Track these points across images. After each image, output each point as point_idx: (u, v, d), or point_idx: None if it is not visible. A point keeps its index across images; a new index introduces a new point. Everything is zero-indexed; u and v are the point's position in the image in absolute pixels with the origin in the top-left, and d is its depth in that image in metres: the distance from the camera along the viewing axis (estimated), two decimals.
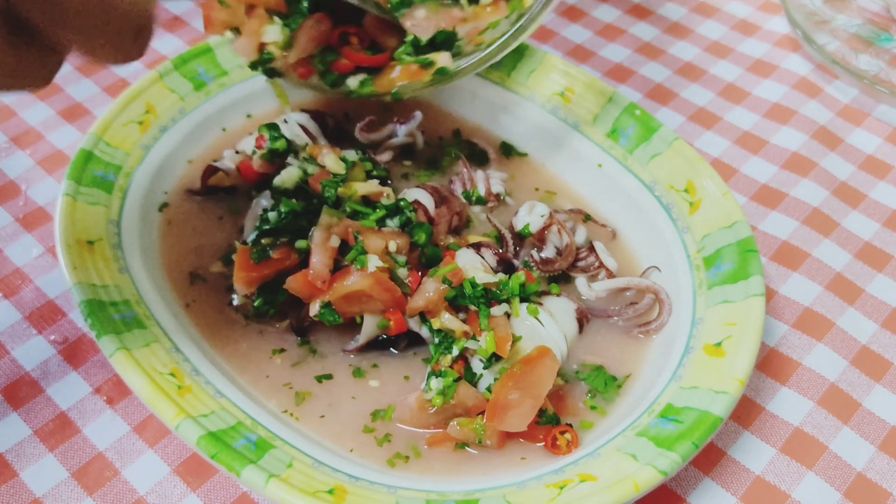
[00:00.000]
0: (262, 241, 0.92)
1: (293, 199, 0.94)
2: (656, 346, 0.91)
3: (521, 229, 0.97)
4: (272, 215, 0.93)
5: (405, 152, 1.11)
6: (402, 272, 0.88)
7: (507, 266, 0.95)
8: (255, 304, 0.91)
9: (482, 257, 0.93)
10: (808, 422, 0.89)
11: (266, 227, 0.92)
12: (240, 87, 1.11)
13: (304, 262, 0.89)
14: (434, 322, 0.86)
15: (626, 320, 0.94)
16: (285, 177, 0.96)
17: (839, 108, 1.23)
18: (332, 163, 0.97)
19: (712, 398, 0.79)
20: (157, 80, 1.07)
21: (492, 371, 0.83)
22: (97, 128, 1.00)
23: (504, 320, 0.86)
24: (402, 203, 0.93)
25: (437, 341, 0.86)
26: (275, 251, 0.91)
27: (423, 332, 0.89)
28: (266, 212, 0.94)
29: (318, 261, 0.87)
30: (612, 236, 1.03)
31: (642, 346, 0.92)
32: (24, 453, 0.86)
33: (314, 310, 0.87)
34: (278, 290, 0.90)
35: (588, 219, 1.03)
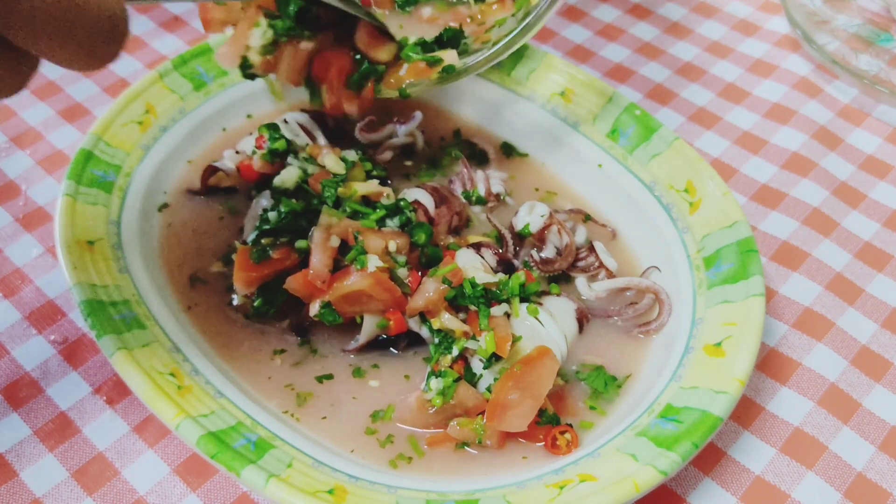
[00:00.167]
0: (262, 241, 0.92)
1: (293, 199, 0.94)
2: (656, 346, 0.91)
3: (521, 229, 0.97)
4: (272, 215, 0.93)
5: (405, 152, 1.11)
6: (402, 272, 0.88)
7: (507, 266, 0.95)
8: (255, 304, 0.91)
9: (482, 257, 0.93)
10: (808, 422, 0.89)
11: (266, 227, 0.92)
12: (240, 87, 1.10)
13: (304, 262, 0.89)
14: (434, 322, 0.86)
15: (626, 320, 0.94)
16: (285, 177, 0.96)
17: (839, 108, 1.23)
18: (332, 163, 0.97)
19: (712, 398, 0.79)
20: (157, 80, 1.07)
21: (492, 371, 0.83)
22: (97, 128, 1.00)
23: (504, 320, 0.86)
24: (402, 203, 0.93)
25: (437, 341, 0.86)
26: (275, 251, 0.91)
27: (423, 332, 0.88)
28: (266, 212, 0.94)
29: (318, 261, 0.87)
30: (612, 236, 1.02)
31: (642, 346, 0.92)
32: (24, 453, 0.86)
33: (314, 310, 0.87)
34: (278, 290, 0.90)
35: (588, 219, 1.03)
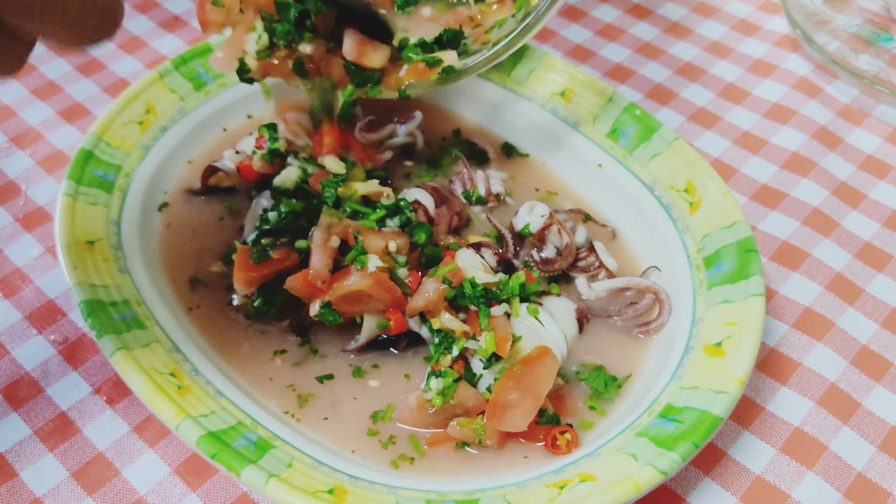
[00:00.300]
0: (262, 241, 0.92)
1: (293, 199, 0.94)
2: (656, 346, 0.91)
3: (521, 229, 0.97)
4: (272, 215, 0.93)
5: (405, 152, 1.11)
6: (402, 272, 0.88)
7: (507, 266, 0.95)
8: (255, 304, 0.91)
9: (482, 257, 0.93)
10: (808, 422, 0.89)
11: (266, 227, 0.92)
12: (240, 87, 1.10)
13: (304, 262, 0.89)
14: (434, 322, 0.86)
15: (626, 320, 0.94)
16: (285, 177, 0.96)
17: (839, 108, 1.23)
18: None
19: (712, 398, 0.79)
20: (157, 80, 1.07)
21: (492, 371, 0.83)
22: (97, 128, 1.00)
23: (504, 320, 0.86)
24: (402, 203, 0.93)
25: (437, 341, 0.86)
26: (275, 251, 0.91)
27: (423, 332, 0.88)
28: (266, 212, 0.94)
29: (318, 261, 0.87)
30: (612, 236, 1.02)
31: (642, 346, 0.92)
32: (24, 453, 0.86)
33: (314, 310, 0.87)
34: (278, 290, 0.89)
35: (588, 219, 1.03)
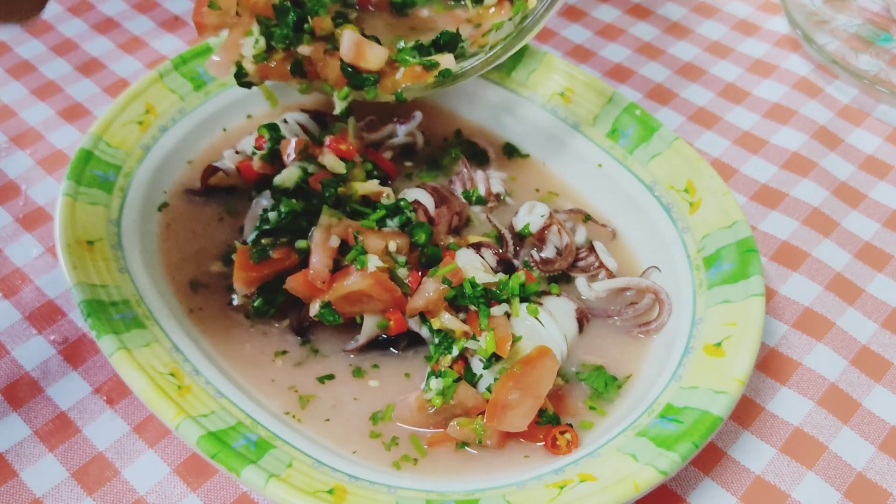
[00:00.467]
0: (262, 241, 0.92)
1: (293, 199, 0.94)
2: (656, 346, 0.91)
3: (521, 229, 0.97)
4: (272, 215, 0.93)
5: (405, 152, 1.11)
6: (402, 272, 0.88)
7: (507, 266, 0.95)
8: (255, 304, 0.91)
9: (482, 257, 0.93)
10: (808, 422, 0.89)
11: (266, 227, 0.92)
12: (240, 87, 1.10)
13: (304, 262, 0.89)
14: (434, 322, 0.86)
15: (626, 320, 0.94)
16: (285, 177, 0.96)
17: (839, 108, 1.23)
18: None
19: (712, 398, 0.79)
20: (157, 80, 1.07)
21: (492, 371, 0.83)
22: (97, 128, 1.00)
23: (504, 320, 0.86)
24: (402, 203, 0.93)
25: (437, 341, 0.86)
26: (275, 251, 0.91)
27: (423, 332, 0.88)
28: (266, 212, 0.94)
29: (318, 261, 0.87)
30: (612, 236, 1.02)
31: (642, 346, 0.92)
32: (24, 453, 0.86)
33: (314, 310, 0.87)
34: (278, 290, 0.90)
35: (588, 219, 1.03)
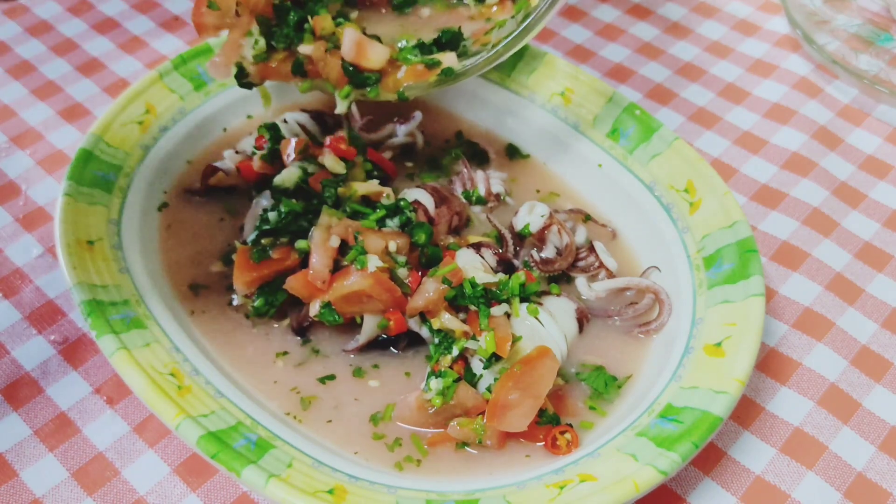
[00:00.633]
0: (262, 241, 0.92)
1: (293, 199, 0.94)
2: (656, 346, 0.91)
3: (521, 229, 0.97)
4: (272, 215, 0.93)
5: (405, 152, 1.11)
6: (402, 272, 0.88)
7: (507, 266, 0.95)
8: (255, 304, 0.91)
9: (482, 257, 0.93)
10: (808, 422, 0.89)
11: (266, 227, 0.92)
12: (240, 88, 1.10)
13: (304, 262, 0.89)
14: (434, 322, 0.86)
15: (626, 320, 0.94)
16: (285, 177, 0.96)
17: (839, 108, 1.23)
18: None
19: (712, 398, 0.79)
20: (157, 80, 1.07)
21: (492, 371, 0.83)
22: (97, 128, 1.00)
23: (504, 320, 0.86)
24: (402, 203, 0.93)
25: (437, 341, 0.86)
26: (275, 251, 0.91)
27: (423, 332, 0.88)
28: (266, 212, 0.94)
29: (318, 261, 0.87)
30: (612, 236, 1.02)
31: (642, 346, 0.92)
32: (24, 453, 0.86)
33: (314, 310, 0.87)
34: (278, 290, 0.90)
35: (588, 219, 1.03)
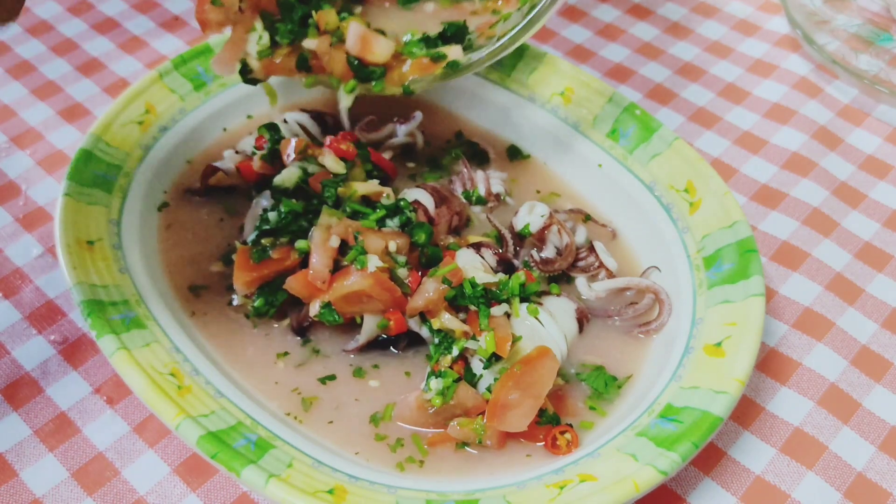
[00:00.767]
0: (262, 241, 0.92)
1: (293, 199, 0.94)
2: (656, 346, 0.91)
3: (521, 229, 0.97)
4: (272, 215, 0.93)
5: (405, 152, 1.11)
6: (402, 272, 0.88)
7: (507, 266, 0.95)
8: (255, 304, 0.91)
9: (482, 257, 0.93)
10: (808, 422, 0.89)
11: (266, 227, 0.92)
12: (240, 87, 1.10)
13: (305, 262, 0.89)
14: (434, 322, 0.86)
15: (626, 320, 0.94)
16: (285, 177, 0.96)
17: (839, 108, 1.23)
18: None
19: (712, 398, 0.79)
20: (157, 80, 1.07)
21: (492, 371, 0.83)
22: (97, 128, 1.00)
23: (504, 320, 0.86)
24: (402, 203, 0.93)
25: (437, 341, 0.86)
26: (275, 251, 0.91)
27: (423, 332, 0.88)
28: (266, 212, 0.94)
29: (318, 261, 0.87)
30: (612, 236, 1.02)
31: (642, 346, 0.92)
32: (24, 453, 0.86)
33: (314, 310, 0.87)
34: (278, 290, 0.90)
35: (588, 219, 1.03)
